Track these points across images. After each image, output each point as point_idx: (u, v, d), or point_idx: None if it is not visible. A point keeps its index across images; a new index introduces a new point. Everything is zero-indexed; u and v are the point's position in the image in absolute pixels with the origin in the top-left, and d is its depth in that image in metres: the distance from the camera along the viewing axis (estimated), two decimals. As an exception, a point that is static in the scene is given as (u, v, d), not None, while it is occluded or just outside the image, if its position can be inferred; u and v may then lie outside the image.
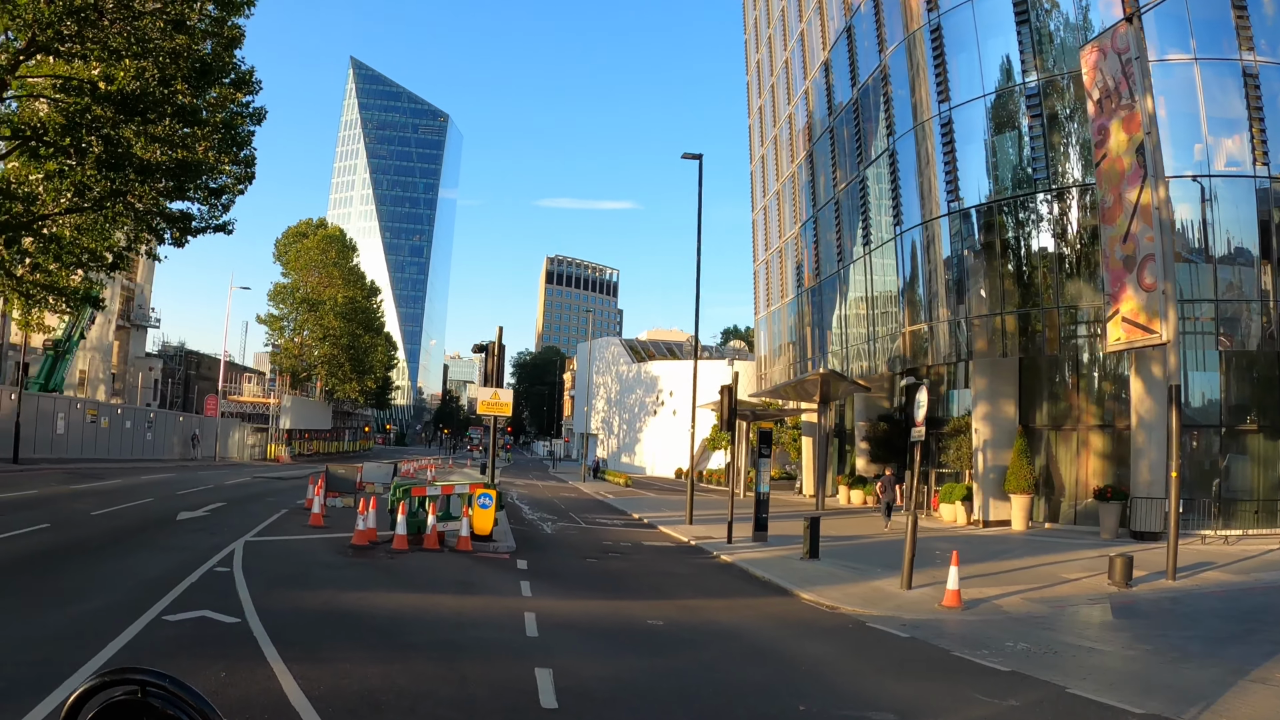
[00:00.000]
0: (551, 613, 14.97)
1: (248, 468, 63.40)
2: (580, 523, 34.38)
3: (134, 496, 30.69)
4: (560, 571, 20.87)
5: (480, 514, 22.81)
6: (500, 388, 25.91)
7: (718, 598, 18.87)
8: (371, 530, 21.89)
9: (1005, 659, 13.18)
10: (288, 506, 30.68)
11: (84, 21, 29.44)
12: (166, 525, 23.19)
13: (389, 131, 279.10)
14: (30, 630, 11.18)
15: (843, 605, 17.84)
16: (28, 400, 49.78)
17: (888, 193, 45.41)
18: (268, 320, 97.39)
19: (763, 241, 74.64)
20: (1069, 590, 20.12)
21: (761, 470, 29.81)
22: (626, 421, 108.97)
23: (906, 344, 43.52)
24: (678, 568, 23.32)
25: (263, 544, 20.67)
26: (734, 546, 27.36)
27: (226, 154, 37.33)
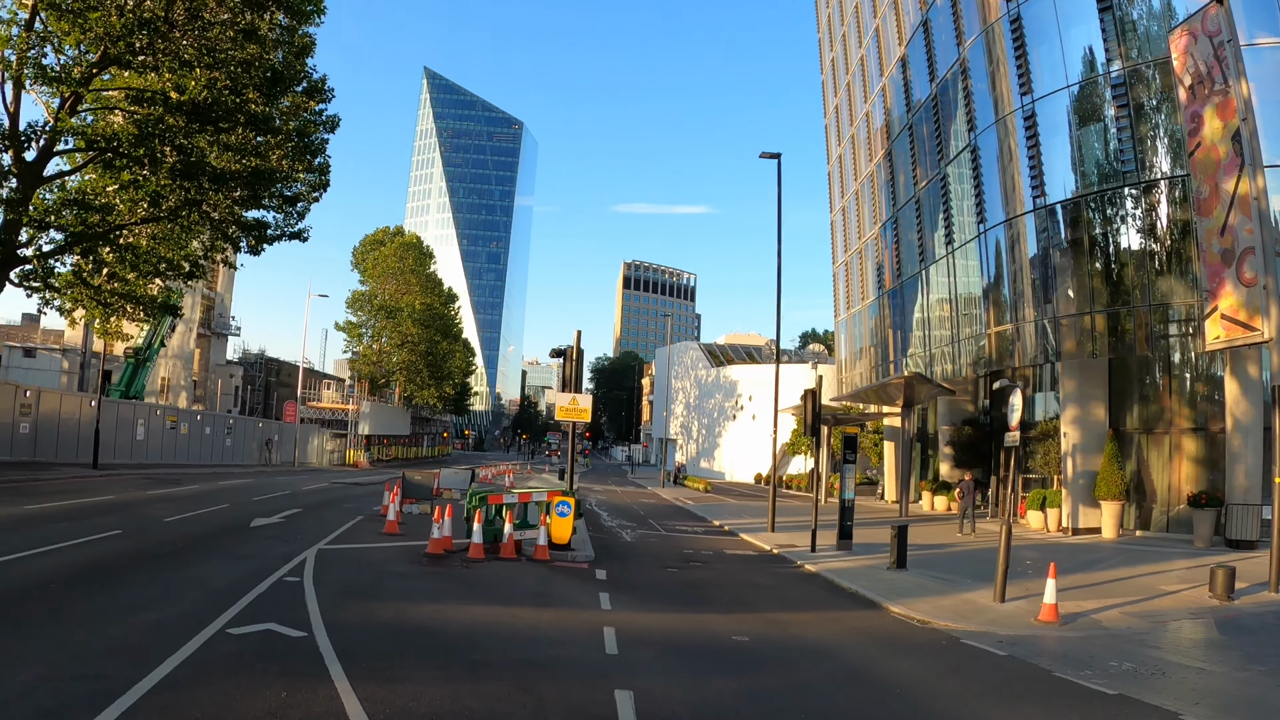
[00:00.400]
0: (631, 627, 14.28)
1: (326, 473, 63.50)
2: (660, 530, 33.69)
3: (209, 502, 30.56)
4: (640, 582, 20.15)
5: (558, 522, 22.20)
6: (579, 393, 25.22)
7: (804, 611, 18.04)
8: (447, 538, 21.35)
9: (1110, 681, 12.33)
10: (363, 513, 30.36)
11: (155, 33, 29.42)
12: (239, 532, 22.90)
13: (464, 140, 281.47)
14: (90, 642, 10.71)
15: (934, 620, 16.99)
16: (108, 407, 50.19)
17: (970, 190, 44.24)
18: (346, 327, 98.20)
19: (842, 243, 73.58)
20: (1169, 604, 19.08)
21: (846, 476, 28.92)
22: (705, 426, 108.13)
23: (992, 345, 42.35)
24: (761, 578, 22.52)
25: (335, 552, 20.25)
26: (818, 555, 26.54)
27: (300, 162, 37.30)
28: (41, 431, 44.80)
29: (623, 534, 30.91)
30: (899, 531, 23.94)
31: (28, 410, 43.75)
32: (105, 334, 39.64)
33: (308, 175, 38.19)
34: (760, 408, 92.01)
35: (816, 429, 28.93)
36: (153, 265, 37.10)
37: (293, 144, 36.72)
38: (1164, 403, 34.67)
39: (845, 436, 29.65)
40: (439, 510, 21.90)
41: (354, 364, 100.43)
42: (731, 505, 50.12)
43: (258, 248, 38.73)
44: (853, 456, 29.23)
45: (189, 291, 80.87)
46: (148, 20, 29.21)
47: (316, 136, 38.32)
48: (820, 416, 29.16)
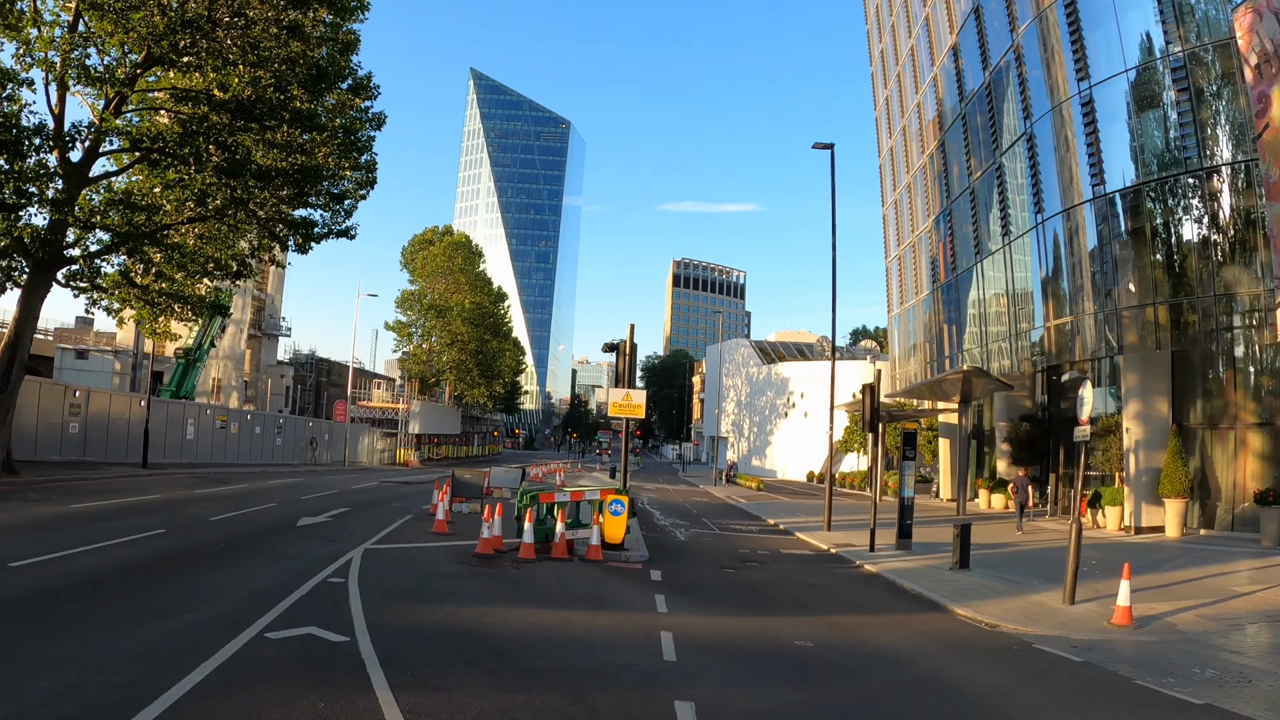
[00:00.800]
0: (690, 632, 13.58)
1: (376, 472, 63.37)
2: (714, 529, 32.98)
3: (257, 501, 30.24)
4: (696, 583, 19.43)
5: (611, 521, 21.56)
6: (632, 388, 24.55)
7: (867, 614, 17.29)
8: (497, 538, 20.80)
9: (1195, 689, 11.56)
10: (412, 512, 29.89)
11: (198, 32, 29.17)
12: (285, 531, 22.47)
13: (511, 140, 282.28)
14: (123, 646, 10.21)
15: (1003, 623, 16.24)
16: (157, 406, 50.24)
17: (1027, 179, 43.17)
18: (396, 327, 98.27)
19: (894, 237, 72.48)
20: (1243, 606, 18.23)
21: (905, 474, 28.07)
22: (757, 424, 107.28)
23: (1050, 339, 41.33)
24: (820, 578, 21.78)
25: (382, 552, 19.74)
26: (877, 555, 25.77)
27: (347, 159, 37.04)
28: (91, 431, 44.85)
29: (676, 533, 30.24)
30: (962, 531, 23.13)
31: (77, 410, 43.78)
32: (153, 334, 39.54)
33: (354, 173, 37.91)
34: (812, 405, 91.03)
35: (875, 425, 28.09)
36: (200, 265, 36.98)
37: (339, 141, 36.44)
38: (1229, 397, 33.49)
39: (904, 433, 28.86)
40: (488, 509, 21.36)
41: (404, 363, 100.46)
42: (785, 504, 49.32)
43: (305, 246, 38.47)
44: (912, 453, 28.46)
45: (239, 292, 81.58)
46: (191, 19, 28.97)
47: (363, 134, 38.02)
48: (878, 412, 28.33)
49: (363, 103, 37.65)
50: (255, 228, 37.30)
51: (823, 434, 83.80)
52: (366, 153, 38.42)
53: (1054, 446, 43.87)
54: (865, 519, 35.39)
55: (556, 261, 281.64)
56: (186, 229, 36.30)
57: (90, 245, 33.64)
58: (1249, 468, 32.23)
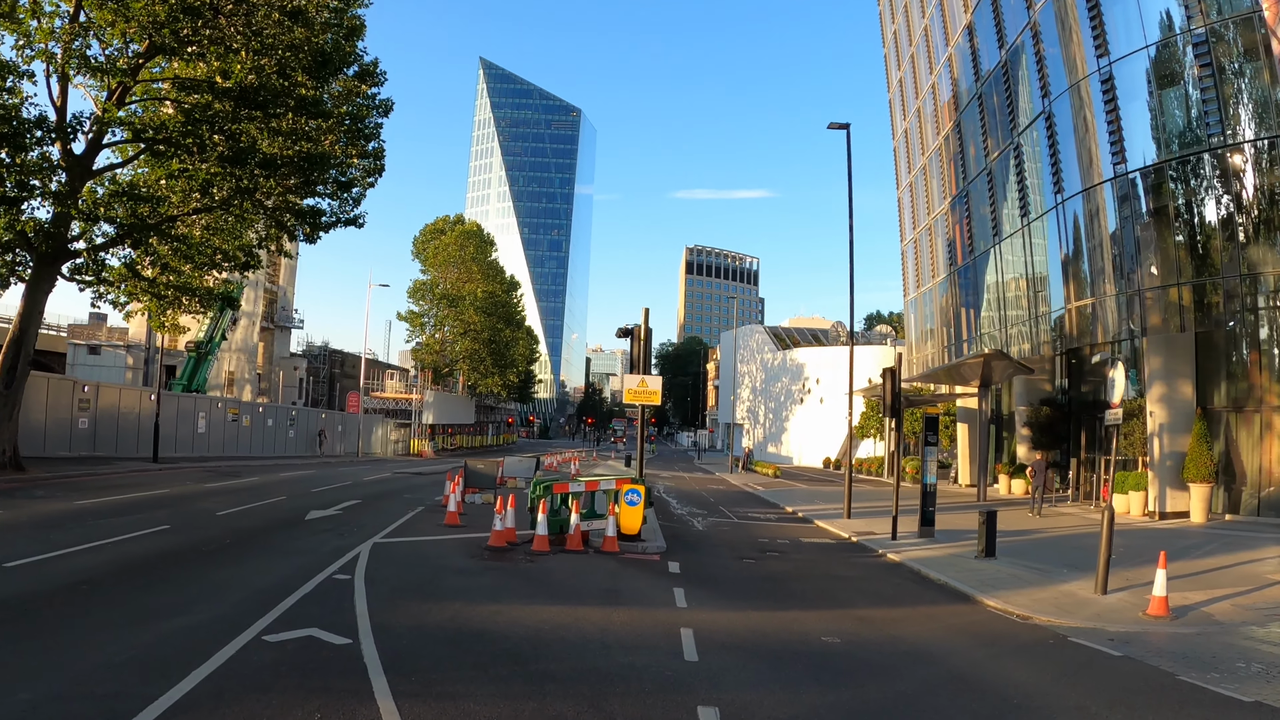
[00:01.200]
0: (711, 628, 12.96)
1: (389, 463, 62.85)
2: (732, 518, 32.35)
3: (266, 495, 29.71)
4: (716, 575, 18.83)
5: (628, 511, 20.92)
6: (647, 374, 23.83)
7: (894, 606, 16.63)
8: (510, 530, 20.24)
9: (1243, 685, 10.95)
10: (424, 504, 29.27)
11: (199, 19, 28.65)
12: (293, 525, 21.92)
13: (522, 129, 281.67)
14: (113, 651, 9.65)
15: (1035, 615, 15.60)
16: (168, 400, 49.85)
17: (1045, 159, 42.55)
18: (408, 317, 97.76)
19: (909, 220, 71.71)
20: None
21: (927, 460, 27.40)
22: (772, 410, 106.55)
23: (1071, 321, 40.68)
24: (843, 569, 21.14)
25: (392, 546, 19.17)
26: (900, 543, 25.11)
27: (354, 146, 36.55)
28: (101, 426, 44.46)
29: (694, 522, 29.65)
30: (988, 518, 22.45)
31: (86, 405, 43.37)
32: (161, 327, 39.03)
33: (362, 161, 37.37)
34: (827, 390, 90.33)
35: (897, 409, 27.39)
36: (207, 257, 36.50)
37: (345, 128, 35.93)
38: (1254, 379, 32.69)
39: (926, 418, 28.21)
40: (501, 501, 20.78)
41: (417, 354, 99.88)
42: (803, 490, 48.63)
43: (313, 235, 38.01)
44: (934, 439, 27.80)
45: (250, 285, 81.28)
46: (192, 6, 28.44)
47: (370, 121, 37.49)
48: (900, 397, 27.66)
49: (369, 89, 37.13)
50: (262, 218, 36.81)
51: (838, 420, 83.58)
52: (374, 140, 37.90)
53: (1075, 430, 43.01)
54: (885, 506, 34.82)
55: (569, 250, 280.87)
56: (193, 220, 35.84)
57: (95, 238, 33.17)
58: (1275, 451, 31.59)
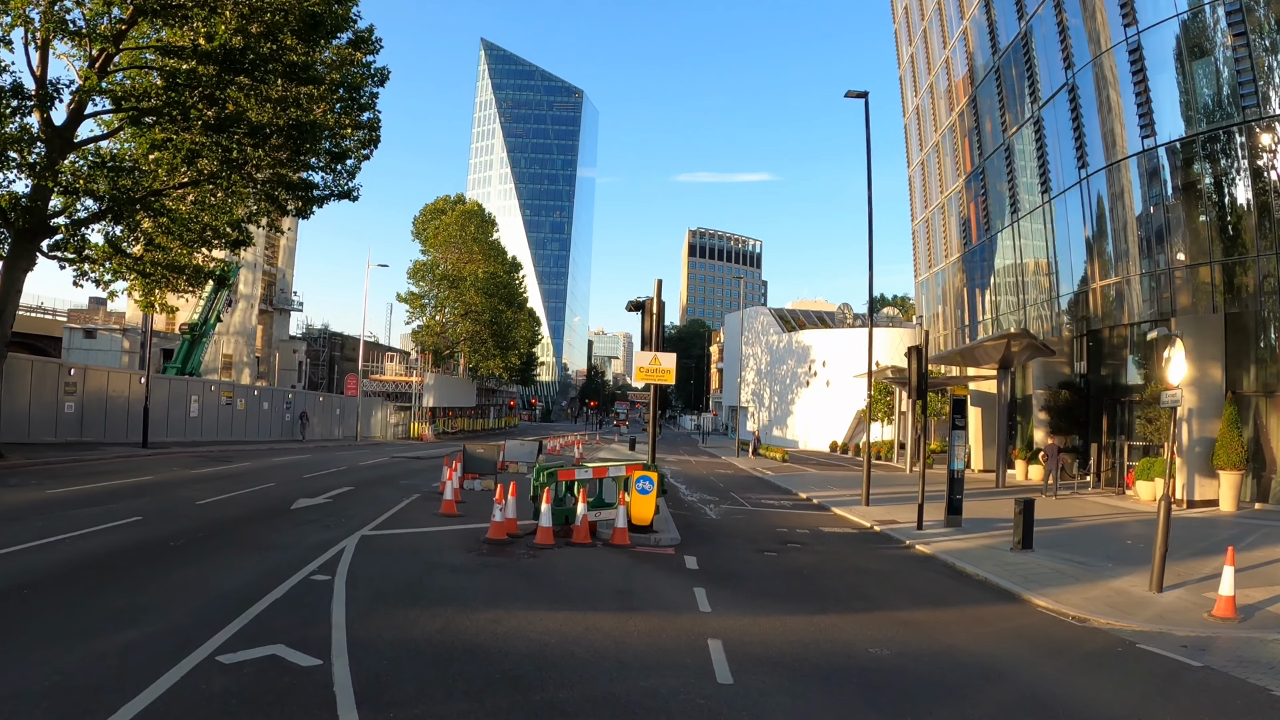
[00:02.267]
0: (743, 639, 11.32)
1: (388, 447, 61.18)
2: (745, 505, 30.70)
3: (255, 481, 28.09)
4: (737, 571, 17.17)
5: (639, 500, 19.24)
6: (660, 351, 22.11)
7: (938, 607, 15.00)
8: (511, 521, 18.61)
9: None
10: (420, 490, 27.68)
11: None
12: (278, 515, 20.29)
13: (524, 110, 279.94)
14: (35, 677, 8.03)
15: (1092, 616, 14.15)
16: (159, 383, 48.29)
17: (1068, 133, 41.01)
18: (408, 299, 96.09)
19: (921, 199, 70.13)
20: (1343, 590, 16.06)
21: (955, 445, 25.79)
22: (777, 394, 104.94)
23: (1096, 301, 39.11)
24: (872, 562, 19.56)
25: (381, 539, 17.55)
26: (927, 533, 23.53)
27: (348, 116, 34.82)
28: (88, 410, 42.82)
29: (705, 510, 27.99)
30: (1025, 507, 20.87)
31: (73, 389, 41.74)
32: (149, 307, 37.35)
33: (357, 132, 35.66)
34: (834, 373, 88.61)
35: (924, 390, 25.77)
36: (196, 233, 34.89)
37: (338, 97, 34.21)
38: (1285, 362, 31.39)
39: (955, 400, 26.57)
40: (501, 488, 19.12)
41: (417, 336, 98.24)
42: (814, 475, 46.98)
43: (306, 210, 36.42)
44: (963, 422, 26.27)
45: (248, 267, 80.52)
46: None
47: (365, 90, 35.78)
48: (926, 377, 26.03)
49: (364, 57, 35.39)
50: (253, 192, 35.13)
51: (845, 403, 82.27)
52: (369, 110, 36.20)
53: (1095, 415, 41.83)
54: (902, 492, 33.40)
55: (571, 232, 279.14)
56: (179, 194, 34.19)
57: (78, 213, 31.57)
58: (1306, 438, 30.19)
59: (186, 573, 13.24)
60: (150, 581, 12.52)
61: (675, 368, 21.69)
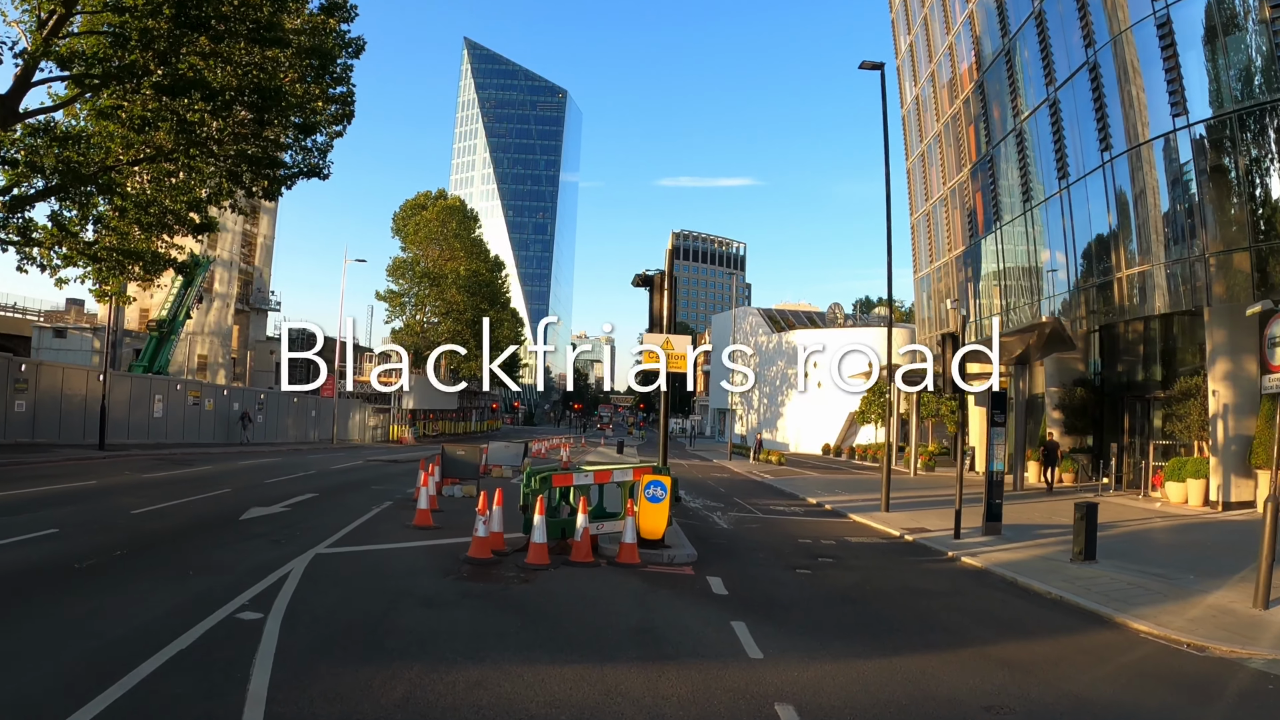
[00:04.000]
0: (819, 702, 8.32)
1: (365, 450, 58.07)
2: (754, 511, 27.75)
3: (210, 486, 25.08)
4: (775, 596, 14.14)
5: (649, 510, 16.18)
6: (672, 333, 18.84)
7: (1028, 637, 12.11)
8: (497, 535, 15.56)
9: None
10: (393, 498, 24.55)
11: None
12: (220, 528, 17.22)
13: (507, 110, 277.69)
14: None
15: (1209, 644, 11.59)
16: (119, 382, 45.26)
17: (1089, 114, 38.22)
18: (387, 297, 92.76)
19: (920, 192, 67.39)
20: None
21: (994, 443, 23.06)
22: (767, 395, 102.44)
23: (1122, 291, 36.40)
24: (920, 579, 16.69)
25: (338, 559, 14.48)
26: (967, 543, 20.79)
27: (318, 86, 31.88)
28: (42, 410, 39.78)
29: (714, 518, 24.92)
30: (1086, 512, 18.07)
31: (24, 387, 38.65)
32: (103, 296, 34.34)
33: (329, 107, 32.72)
34: (825, 374, 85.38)
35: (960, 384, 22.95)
36: (155, 217, 31.90)
37: (308, 65, 31.23)
38: (1327, 354, 28.66)
39: (994, 393, 23.68)
40: (485, 497, 15.91)
41: (397, 335, 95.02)
42: (816, 479, 44.18)
43: (273, 190, 33.52)
44: (1002, 417, 23.51)
45: (223, 265, 79.23)
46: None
47: (339, 63, 32.85)
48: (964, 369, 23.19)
49: (338, 25, 32.50)
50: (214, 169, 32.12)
51: (838, 405, 79.53)
52: (343, 84, 33.28)
53: (1116, 413, 39.38)
54: (918, 496, 31.19)
55: (554, 234, 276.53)
56: (134, 172, 31.21)
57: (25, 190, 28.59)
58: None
59: (79, 606, 10.19)
60: (25, 620, 9.51)
61: (688, 353, 18.50)
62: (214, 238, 78.22)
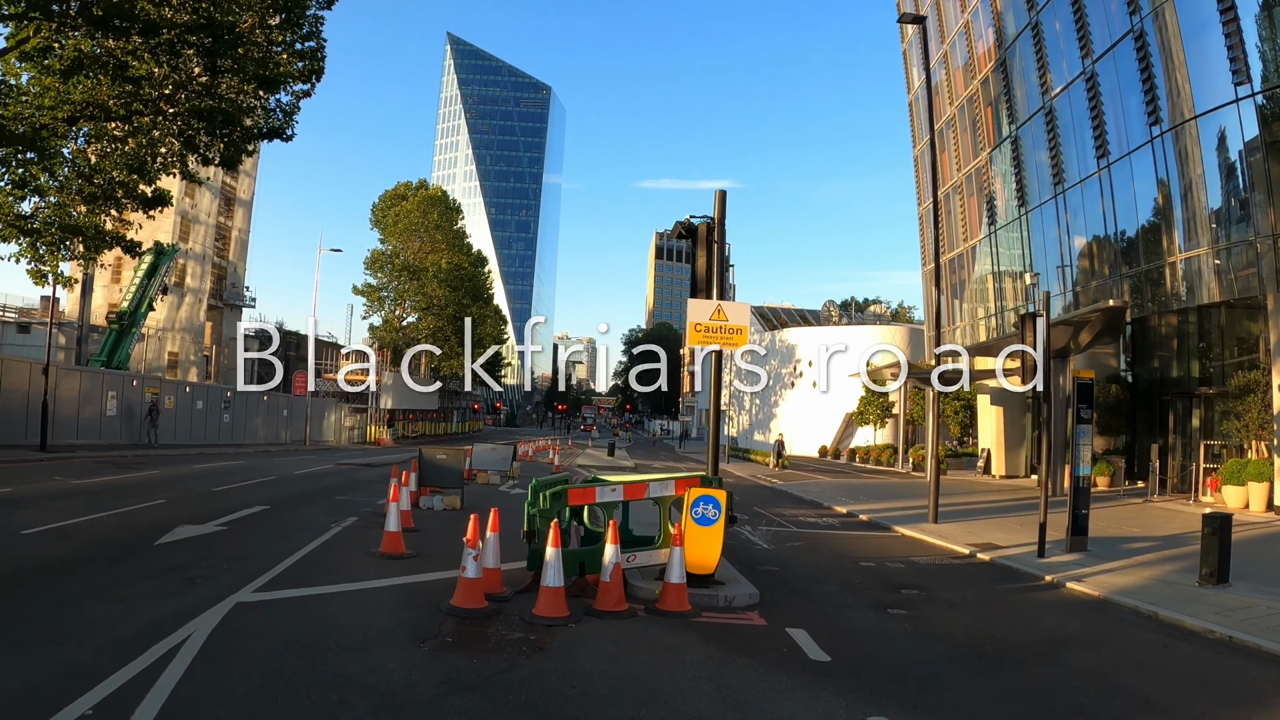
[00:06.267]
0: None
1: (339, 452, 53.68)
2: (784, 524, 23.65)
3: (144, 496, 20.82)
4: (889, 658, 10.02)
5: (699, 536, 11.90)
6: (722, 299, 14.16)
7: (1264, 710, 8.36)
8: (492, 574, 11.35)
9: None
10: (360, 512, 19.97)
11: None
12: (129, 556, 13.05)
13: (491, 106, 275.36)
14: None
15: None
16: (67, 377, 41.24)
17: (1134, 87, 35.31)
18: (365, 291, 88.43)
19: (928, 182, 63.83)
20: None
21: (1080, 443, 19.24)
22: (759, 395, 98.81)
23: (1176, 277, 33.37)
24: (1044, 618, 12.92)
25: (267, 613, 10.17)
26: (1056, 563, 17.26)
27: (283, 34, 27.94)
28: (-25, 406, 35.77)
29: (745, 533, 20.57)
30: (1219, 526, 14.72)
31: (-52, 381, 34.69)
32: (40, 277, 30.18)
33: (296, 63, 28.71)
34: (821, 374, 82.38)
35: (1047, 372, 19.25)
36: (99, 187, 27.89)
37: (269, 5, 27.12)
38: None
39: (1079, 384, 19.73)
40: (474, 524, 11.03)
41: (375, 331, 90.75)
42: (831, 484, 40.18)
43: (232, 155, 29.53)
44: (1089, 412, 19.61)
45: (195, 259, 76.83)
46: None
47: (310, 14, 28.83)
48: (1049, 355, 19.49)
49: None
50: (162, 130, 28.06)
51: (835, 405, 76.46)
52: (313, 38, 29.24)
53: (1157, 412, 36.63)
54: (955, 504, 27.97)
55: (537, 232, 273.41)
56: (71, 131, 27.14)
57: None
58: None
59: None
60: None
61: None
62: (186, 229, 74.96)
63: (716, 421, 14.10)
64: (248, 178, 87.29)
